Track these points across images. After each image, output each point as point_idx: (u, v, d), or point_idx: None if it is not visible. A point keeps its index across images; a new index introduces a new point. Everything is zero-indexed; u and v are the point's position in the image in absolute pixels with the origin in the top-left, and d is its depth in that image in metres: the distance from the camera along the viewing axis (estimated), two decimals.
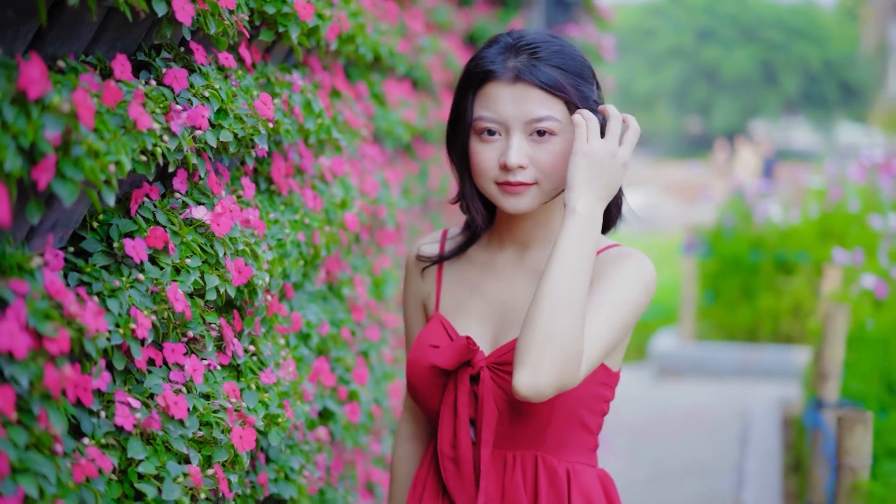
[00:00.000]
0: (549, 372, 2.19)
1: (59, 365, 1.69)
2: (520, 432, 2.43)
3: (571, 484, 2.45)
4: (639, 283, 2.36)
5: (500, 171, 2.37)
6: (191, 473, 2.08)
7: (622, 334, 2.34)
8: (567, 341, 2.19)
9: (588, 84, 2.41)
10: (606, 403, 2.49)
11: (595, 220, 2.27)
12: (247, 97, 2.53)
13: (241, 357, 2.50)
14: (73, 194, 1.73)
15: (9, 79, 1.62)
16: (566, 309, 2.21)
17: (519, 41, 2.40)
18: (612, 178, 2.30)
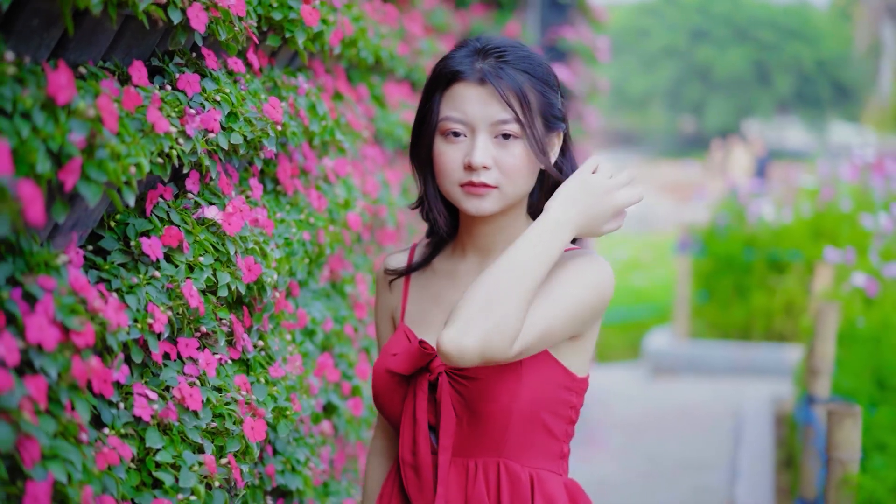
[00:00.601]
0: (476, 335, 2.19)
1: (85, 357, 1.78)
2: (480, 438, 2.42)
3: (535, 490, 2.44)
4: (589, 282, 2.37)
5: (465, 172, 2.38)
6: (206, 462, 2.17)
7: (566, 327, 2.34)
8: (505, 314, 2.20)
9: (553, 92, 2.45)
10: (574, 410, 2.48)
11: (566, 229, 2.28)
12: (255, 101, 2.62)
13: (250, 352, 2.59)
14: (97, 195, 1.81)
15: (38, 85, 1.71)
16: (513, 285, 2.22)
17: (487, 45, 2.42)
18: (597, 213, 2.33)
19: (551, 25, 8.22)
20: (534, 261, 2.25)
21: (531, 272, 2.24)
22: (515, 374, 2.38)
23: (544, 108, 2.41)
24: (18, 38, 1.82)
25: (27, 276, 1.76)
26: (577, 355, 2.45)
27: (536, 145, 2.38)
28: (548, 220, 2.28)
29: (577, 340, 2.43)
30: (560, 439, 2.47)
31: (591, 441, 8.44)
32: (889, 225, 7.54)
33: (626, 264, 17.17)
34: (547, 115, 2.41)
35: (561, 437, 2.47)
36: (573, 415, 2.48)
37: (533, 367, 2.39)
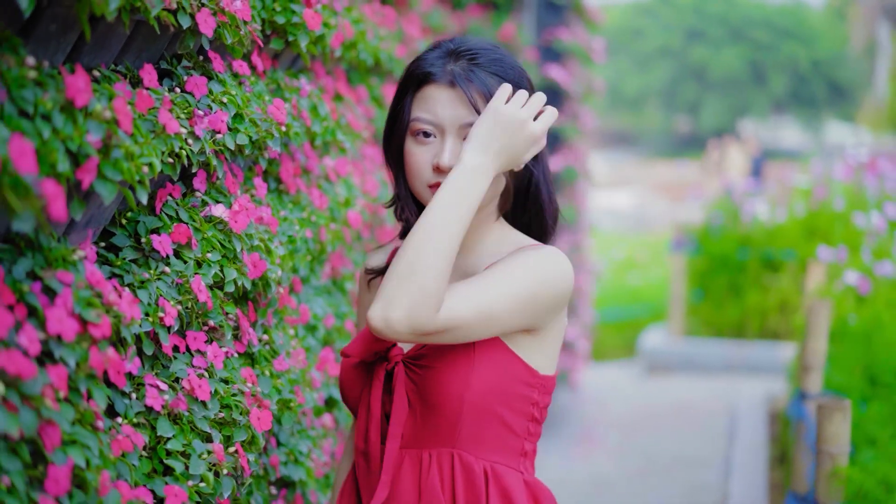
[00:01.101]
0: (401, 304, 2.21)
1: (102, 348, 1.86)
2: (434, 429, 2.43)
3: (490, 483, 2.44)
4: (540, 272, 2.38)
5: (434, 173, 2.40)
6: (214, 451, 2.25)
7: (513, 315, 2.34)
8: (427, 279, 2.22)
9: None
10: (536, 407, 2.47)
11: (482, 175, 2.29)
12: (259, 102, 2.70)
13: (255, 346, 2.68)
14: (113, 193, 1.90)
15: (57, 88, 1.79)
16: (432, 249, 2.23)
17: (460, 47, 2.44)
18: (515, 145, 2.32)
19: (547, 26, 8.29)
20: (451, 215, 2.26)
21: (448, 228, 2.25)
22: (468, 363, 2.39)
23: None
24: (37, 43, 1.90)
25: (46, 270, 1.84)
26: (539, 352, 2.46)
27: None
28: (462, 169, 2.29)
29: (536, 336, 2.44)
30: (520, 436, 2.47)
31: (588, 439, 8.53)
32: (881, 224, 7.62)
33: (622, 264, 17.26)
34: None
35: (521, 433, 2.47)
36: (535, 412, 2.48)
37: (487, 358, 2.40)
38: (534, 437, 2.51)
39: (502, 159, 2.33)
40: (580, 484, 7.35)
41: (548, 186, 2.57)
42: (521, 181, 2.53)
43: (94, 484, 1.81)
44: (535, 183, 2.54)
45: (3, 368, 1.56)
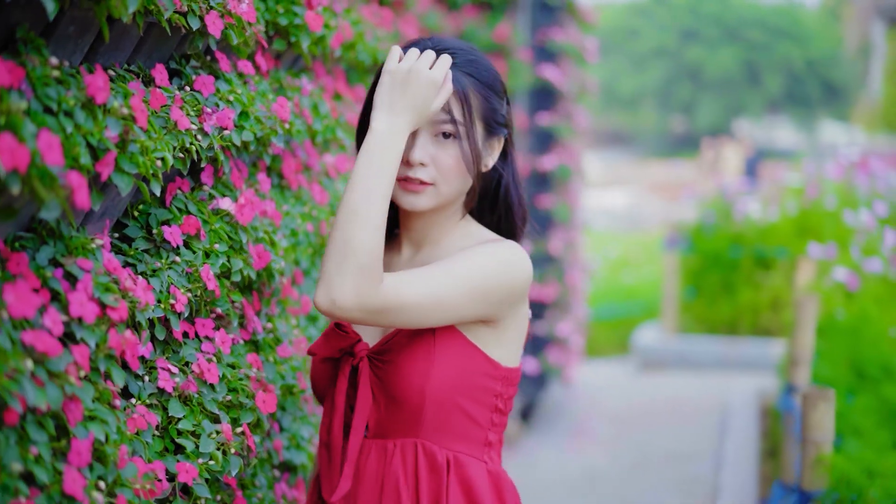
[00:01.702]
0: (341, 283, 2.25)
1: (120, 331, 1.98)
2: (398, 420, 2.47)
3: (451, 472, 2.48)
4: (495, 263, 2.42)
5: (402, 167, 2.44)
6: (223, 431, 2.37)
7: (467, 304, 2.38)
8: (361, 254, 2.25)
9: (498, 98, 2.52)
10: (499, 398, 2.52)
11: (394, 136, 2.33)
12: (264, 100, 2.82)
13: (260, 333, 2.80)
14: (129, 185, 2.02)
15: (78, 87, 1.91)
16: (358, 223, 2.27)
17: (437, 46, 2.48)
18: (418, 95, 2.35)
19: (541, 27, 8.40)
20: (371, 185, 2.29)
21: (371, 199, 2.29)
22: (427, 357, 2.43)
23: (486, 112, 2.49)
24: (56, 44, 2.01)
25: (67, 258, 1.96)
26: (500, 345, 2.50)
27: (469, 149, 2.44)
28: (372, 136, 2.33)
29: (496, 328, 2.49)
30: (484, 426, 2.52)
31: (581, 433, 8.64)
32: (871, 221, 7.74)
33: (616, 262, 17.37)
34: (489, 120, 2.49)
35: (484, 424, 2.51)
36: (499, 403, 2.53)
37: (447, 351, 2.44)
38: (498, 427, 2.56)
39: (412, 114, 2.36)
40: (574, 477, 7.47)
41: (517, 188, 2.63)
42: (490, 182, 2.59)
43: (113, 458, 1.94)
44: (504, 184, 2.60)
45: (31, 346, 1.67)
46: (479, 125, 2.49)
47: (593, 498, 7.05)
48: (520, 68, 7.78)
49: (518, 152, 7.82)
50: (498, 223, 2.64)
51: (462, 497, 2.48)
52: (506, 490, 2.56)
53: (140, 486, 2.00)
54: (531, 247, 8.24)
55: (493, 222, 2.64)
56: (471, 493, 2.49)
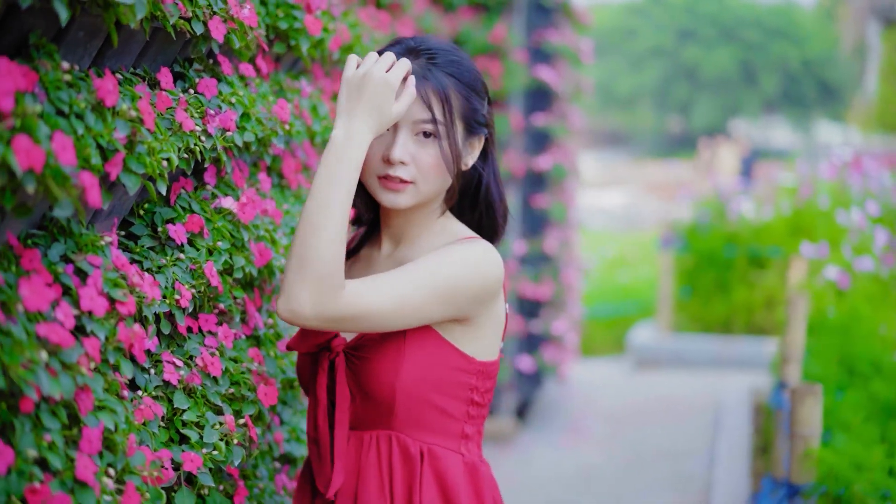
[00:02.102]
0: (299, 293, 2.29)
1: (128, 324, 2.07)
2: (373, 413, 2.53)
3: (424, 464, 2.52)
4: (461, 262, 2.45)
5: (383, 165, 2.47)
6: (226, 422, 2.46)
7: (434, 304, 2.41)
8: (318, 264, 2.29)
9: (479, 98, 2.56)
10: (475, 392, 2.56)
11: (354, 142, 2.35)
12: (264, 102, 2.90)
13: (261, 329, 2.88)
14: (136, 185, 2.11)
15: (88, 90, 1.99)
16: (315, 232, 2.30)
17: (420, 46, 2.53)
18: (374, 98, 2.37)
19: (536, 28, 8.48)
20: (330, 195, 2.32)
21: (330, 209, 2.32)
22: (398, 354, 2.47)
23: (467, 112, 2.53)
24: (67, 49, 2.09)
25: (77, 254, 2.05)
26: (474, 340, 2.54)
27: (449, 148, 2.48)
28: (331, 147, 2.36)
29: (469, 325, 2.52)
30: (459, 419, 2.56)
31: (576, 431, 8.73)
32: (862, 220, 7.83)
33: (612, 261, 17.46)
34: (469, 120, 2.53)
35: (460, 417, 2.55)
36: (475, 396, 2.57)
37: (417, 347, 2.48)
38: (476, 419, 2.59)
39: (369, 118, 2.38)
40: (569, 475, 7.56)
41: (498, 186, 2.67)
42: (470, 180, 2.64)
43: (122, 446, 2.02)
44: (485, 182, 2.64)
45: (46, 338, 1.76)
46: (459, 125, 2.52)
47: (588, 495, 7.14)
48: (515, 69, 7.87)
49: (513, 152, 7.95)
50: (479, 220, 2.68)
51: (436, 488, 2.53)
52: (483, 482, 2.59)
53: (147, 473, 2.09)
54: (527, 246, 8.33)
55: (473, 219, 2.68)
56: (444, 483, 2.53)
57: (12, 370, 1.66)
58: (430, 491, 2.52)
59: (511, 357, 8.31)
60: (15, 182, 1.69)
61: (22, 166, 1.65)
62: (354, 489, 2.56)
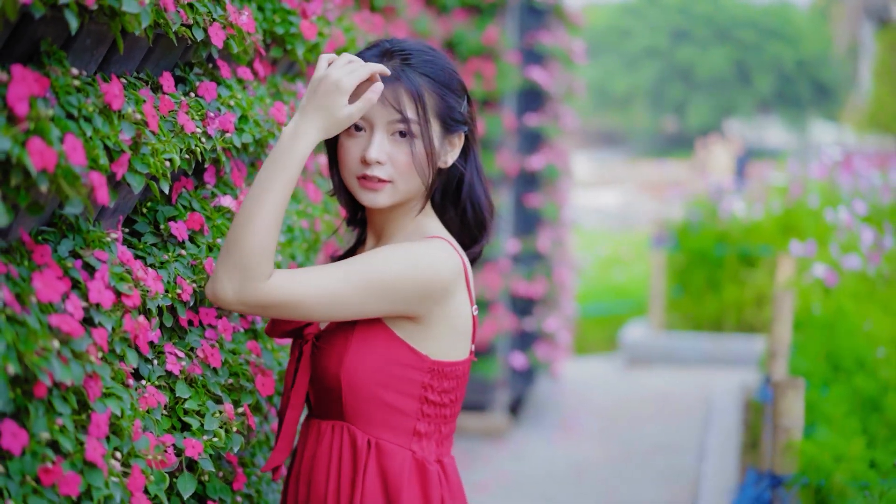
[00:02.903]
0: (223, 280, 2.39)
1: (134, 316, 2.19)
2: (326, 402, 2.62)
3: (369, 456, 2.58)
4: (402, 260, 2.51)
5: (361, 165, 2.54)
6: (226, 411, 2.57)
7: (370, 298, 2.47)
8: (243, 255, 2.37)
9: (455, 96, 2.61)
10: (429, 390, 2.60)
11: (296, 140, 2.43)
12: (262, 105, 3.02)
13: (259, 323, 3.00)
14: (141, 184, 2.22)
15: (96, 94, 2.11)
16: (245, 222, 2.38)
17: (394, 47, 2.59)
18: (322, 98, 2.43)
19: (529, 30, 8.59)
20: (268, 187, 2.40)
21: (265, 201, 2.39)
22: (344, 345, 2.55)
23: (442, 110, 2.58)
24: (75, 56, 2.21)
25: (85, 250, 2.16)
26: (428, 339, 2.58)
27: (423, 146, 2.55)
28: (278, 141, 2.45)
29: (420, 323, 2.56)
30: (410, 416, 2.59)
31: (569, 427, 8.85)
32: (849, 219, 7.95)
33: (606, 260, 17.58)
34: (445, 118, 2.59)
35: (411, 414, 2.59)
36: (430, 395, 2.60)
37: (364, 341, 2.55)
38: (432, 418, 2.63)
39: (321, 118, 2.45)
40: (561, 469, 7.68)
41: (482, 183, 2.73)
42: (452, 178, 2.70)
43: (128, 431, 2.13)
44: (467, 180, 2.70)
45: (57, 328, 1.87)
46: (435, 123, 2.58)
47: (580, 489, 7.26)
48: (508, 70, 7.98)
49: (506, 152, 8.06)
50: (463, 218, 2.73)
51: (377, 481, 2.58)
52: (430, 480, 2.62)
53: (152, 457, 2.20)
54: (519, 245, 8.45)
55: (457, 217, 2.73)
56: (386, 478, 2.58)
57: (27, 357, 1.77)
58: (372, 483, 2.58)
59: (504, 354, 8.43)
60: (29, 181, 1.81)
61: (36, 167, 1.77)
62: (309, 475, 2.65)
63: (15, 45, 2.00)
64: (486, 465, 7.69)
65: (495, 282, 8.10)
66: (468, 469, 7.49)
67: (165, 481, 2.25)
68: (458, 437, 8.20)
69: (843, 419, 4.77)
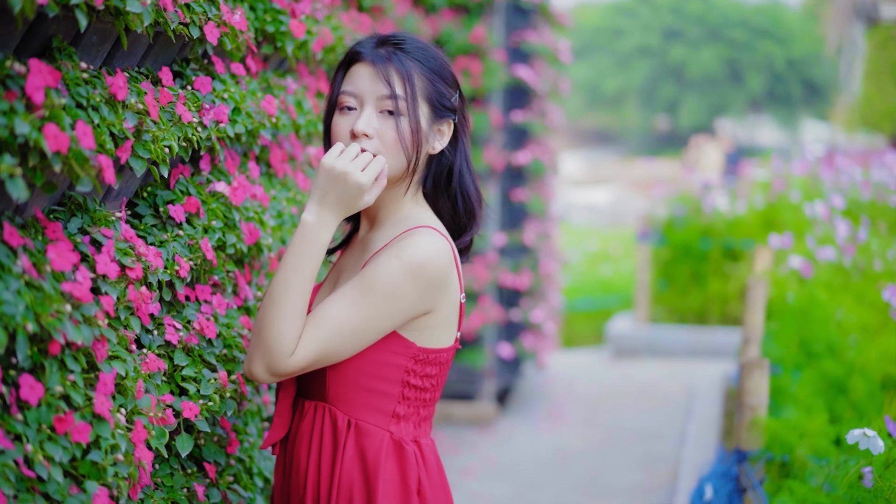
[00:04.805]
0: (256, 360, 2.56)
1: (137, 287, 2.42)
2: (311, 383, 2.75)
3: (349, 435, 2.69)
4: (399, 262, 2.61)
5: (350, 140, 2.66)
6: (220, 378, 2.80)
7: (370, 324, 2.59)
8: (268, 337, 2.53)
9: (445, 85, 2.73)
10: (411, 374, 2.70)
11: (320, 230, 2.59)
12: (253, 98, 3.24)
13: (251, 300, 3.22)
14: (143, 168, 2.45)
15: (102, 86, 2.34)
16: (271, 309, 2.55)
17: (391, 37, 2.73)
18: (345, 194, 2.58)
19: (515, 29, 8.80)
20: (296, 273, 2.56)
21: (289, 287, 2.55)
22: None
23: (431, 94, 2.71)
24: (83, 51, 2.43)
25: (92, 227, 2.39)
26: (416, 327, 2.68)
27: (410, 124, 2.66)
28: (299, 229, 2.60)
29: (432, 314, 2.69)
30: (391, 399, 2.70)
31: (555, 416, 9.07)
32: (825, 212, 8.19)
33: (595, 256, 17.81)
34: (434, 102, 2.71)
35: (392, 397, 2.70)
36: (412, 379, 2.71)
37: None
38: (413, 402, 2.74)
39: (339, 209, 2.61)
40: (546, 455, 7.91)
41: (471, 173, 2.84)
42: (442, 167, 2.80)
43: (132, 390, 2.36)
44: (456, 169, 2.80)
45: (69, 293, 2.10)
46: (424, 106, 2.70)
47: (563, 473, 7.48)
48: (494, 68, 8.21)
49: (493, 147, 8.29)
50: (454, 206, 2.83)
51: (356, 460, 2.70)
52: (408, 460, 2.72)
53: (153, 414, 2.43)
54: (506, 238, 8.67)
55: (448, 205, 2.83)
56: (364, 456, 2.69)
57: (43, 318, 2.00)
58: (351, 462, 2.70)
59: (492, 344, 8.65)
60: (45, 162, 2.03)
61: (51, 149, 1.99)
62: (293, 453, 2.80)
63: (30, 42, 2.23)
64: (472, 452, 7.91)
65: (482, 273, 8.33)
66: (455, 455, 7.72)
67: (165, 436, 2.47)
68: (446, 425, 8.43)
69: (809, 399, 5.00)
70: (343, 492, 2.70)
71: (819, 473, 4.09)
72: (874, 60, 26.16)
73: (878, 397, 5.24)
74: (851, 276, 7.43)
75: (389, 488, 2.68)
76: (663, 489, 7.07)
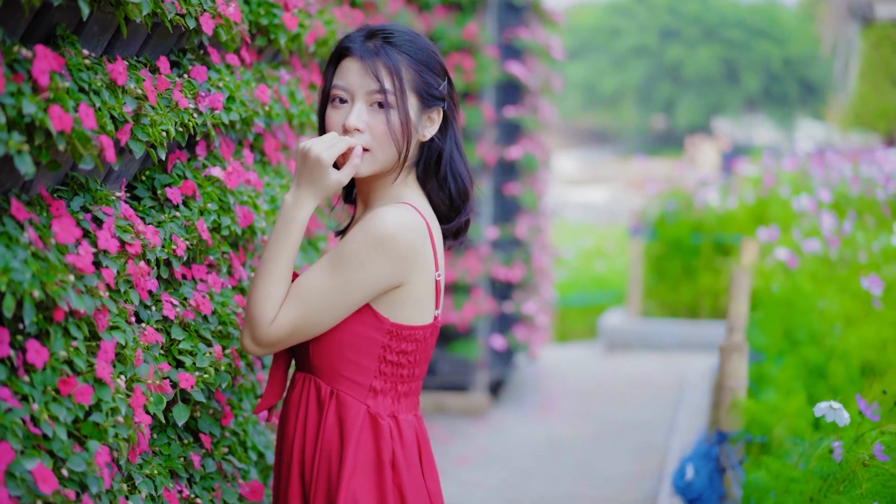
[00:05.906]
0: (243, 332, 2.77)
1: (136, 262, 2.56)
2: (299, 355, 2.90)
3: (330, 405, 2.82)
4: (365, 233, 2.72)
5: (342, 133, 2.76)
6: (215, 352, 2.94)
7: (342, 282, 2.72)
8: (251, 307, 2.73)
9: (433, 74, 2.82)
10: (387, 350, 2.80)
11: (296, 207, 2.75)
12: (247, 88, 3.38)
13: (245, 281, 3.36)
14: (141, 150, 2.59)
15: (103, 72, 2.48)
16: (254, 282, 2.75)
17: (379, 29, 2.81)
18: (309, 173, 2.73)
19: (508, 26, 8.93)
20: (276, 249, 2.74)
21: (269, 262, 2.73)
22: None
23: (419, 85, 2.79)
24: (84, 40, 2.57)
25: (94, 206, 2.54)
26: (389, 303, 2.78)
27: (398, 116, 2.75)
28: (282, 206, 2.76)
29: (405, 286, 2.78)
30: (368, 373, 2.81)
31: (547, 407, 9.21)
32: (811, 206, 8.33)
33: (589, 252, 17.94)
34: (422, 92, 2.79)
35: (369, 371, 2.81)
36: (388, 355, 2.81)
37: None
38: (387, 376, 2.84)
39: (312, 188, 2.76)
40: (539, 445, 8.04)
41: (462, 158, 2.93)
42: (433, 153, 2.88)
43: (131, 359, 2.50)
44: (446, 153, 2.88)
45: (73, 265, 2.24)
46: (412, 97, 2.78)
47: (555, 463, 7.62)
48: (487, 64, 8.34)
49: (486, 142, 8.42)
50: (447, 189, 2.90)
51: (335, 428, 2.82)
52: (382, 434, 2.82)
53: (151, 381, 2.57)
54: (498, 231, 8.81)
55: (439, 188, 2.90)
56: (344, 426, 2.81)
57: (48, 287, 2.14)
58: (331, 430, 2.82)
59: (484, 336, 8.79)
60: (49, 141, 2.17)
61: (56, 128, 2.13)
62: (283, 422, 2.95)
63: (36, 29, 2.37)
64: (466, 441, 8.05)
65: (475, 266, 8.48)
66: (449, 444, 7.87)
67: (163, 403, 2.61)
68: (440, 415, 8.58)
69: (789, 383, 5.14)
70: (323, 459, 2.83)
71: (795, 452, 4.23)
72: (869, 60, 26.29)
73: (858, 382, 5.37)
74: (836, 268, 7.57)
75: (360, 458, 2.80)
76: (654, 477, 7.21)
